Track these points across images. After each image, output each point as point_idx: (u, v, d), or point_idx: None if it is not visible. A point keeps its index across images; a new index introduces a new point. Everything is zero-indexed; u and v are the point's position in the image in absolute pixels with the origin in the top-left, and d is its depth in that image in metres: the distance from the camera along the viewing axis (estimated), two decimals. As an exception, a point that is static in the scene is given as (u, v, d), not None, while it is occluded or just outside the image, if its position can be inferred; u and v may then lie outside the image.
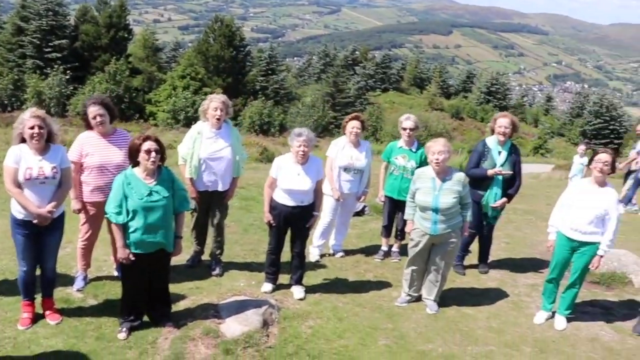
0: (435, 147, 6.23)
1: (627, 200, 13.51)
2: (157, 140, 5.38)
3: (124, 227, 5.37)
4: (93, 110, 6.06)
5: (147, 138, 5.33)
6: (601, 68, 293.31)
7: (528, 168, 30.80)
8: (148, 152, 5.27)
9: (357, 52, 77.63)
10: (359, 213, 10.30)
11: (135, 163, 5.43)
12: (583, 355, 6.13)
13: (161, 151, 5.37)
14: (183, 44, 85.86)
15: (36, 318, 5.82)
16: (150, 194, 5.33)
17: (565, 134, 62.36)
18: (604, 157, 6.14)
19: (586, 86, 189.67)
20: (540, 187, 18.45)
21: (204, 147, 6.75)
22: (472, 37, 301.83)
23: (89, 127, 6.22)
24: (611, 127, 57.60)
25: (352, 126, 7.67)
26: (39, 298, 5.92)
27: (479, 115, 61.91)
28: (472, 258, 8.28)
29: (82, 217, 6.33)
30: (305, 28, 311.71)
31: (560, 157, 45.73)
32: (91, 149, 6.13)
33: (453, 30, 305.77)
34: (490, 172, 7.27)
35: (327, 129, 46.43)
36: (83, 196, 6.16)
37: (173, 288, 6.20)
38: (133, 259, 5.41)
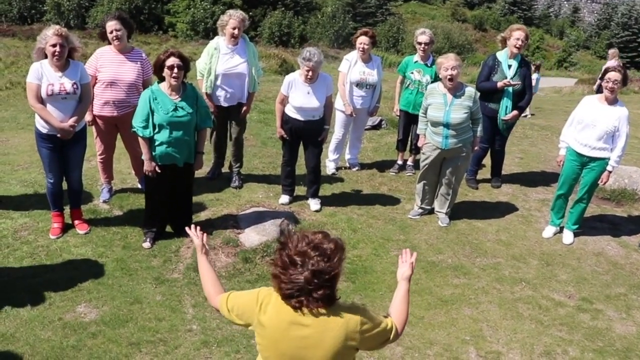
0: (447, 63, 6.23)
1: None
2: (180, 56, 5.40)
3: (150, 141, 5.52)
4: (110, 25, 6.10)
5: (171, 54, 5.38)
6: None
7: (551, 82, 30.40)
8: (171, 67, 5.32)
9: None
10: (376, 127, 10.38)
11: (161, 78, 5.51)
12: (588, 268, 6.28)
13: (185, 67, 5.42)
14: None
15: (66, 228, 6.09)
16: (175, 109, 5.44)
17: (591, 47, 60.69)
18: (614, 75, 6.09)
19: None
20: (561, 102, 18.23)
21: (220, 63, 6.78)
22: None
23: (105, 42, 6.28)
24: (640, 39, 56.12)
25: (361, 42, 7.62)
26: (67, 210, 6.16)
27: (503, 26, 59.51)
28: (486, 172, 8.36)
29: (94, 130, 6.47)
30: None
31: (585, 71, 44.84)
32: (105, 63, 6.19)
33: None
34: (500, 84, 7.27)
35: (348, 40, 45.51)
36: (94, 109, 6.23)
37: (194, 200, 6.37)
38: (159, 171, 5.59)
